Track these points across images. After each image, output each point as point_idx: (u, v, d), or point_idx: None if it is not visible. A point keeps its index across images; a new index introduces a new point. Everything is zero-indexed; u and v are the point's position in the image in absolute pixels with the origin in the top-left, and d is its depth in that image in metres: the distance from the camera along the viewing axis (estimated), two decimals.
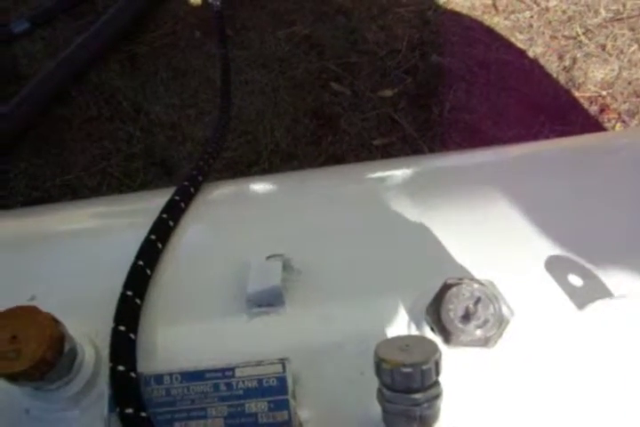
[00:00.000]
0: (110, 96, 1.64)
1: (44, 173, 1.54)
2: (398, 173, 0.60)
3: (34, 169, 1.54)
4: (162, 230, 0.53)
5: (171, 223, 0.54)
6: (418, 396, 0.35)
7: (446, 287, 0.43)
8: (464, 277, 0.44)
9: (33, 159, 1.55)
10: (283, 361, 0.43)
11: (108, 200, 0.70)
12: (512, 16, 1.74)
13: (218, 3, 1.54)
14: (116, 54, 1.70)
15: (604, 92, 1.61)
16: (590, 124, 1.57)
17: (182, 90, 1.64)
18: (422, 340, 0.39)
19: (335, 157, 1.51)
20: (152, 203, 0.56)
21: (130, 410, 0.41)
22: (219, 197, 0.61)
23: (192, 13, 1.78)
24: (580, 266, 0.48)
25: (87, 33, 1.63)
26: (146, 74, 1.67)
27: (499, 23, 1.73)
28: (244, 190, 0.63)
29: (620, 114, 1.59)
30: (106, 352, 0.44)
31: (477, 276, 0.46)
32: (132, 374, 0.43)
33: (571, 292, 0.46)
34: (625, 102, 1.60)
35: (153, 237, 0.51)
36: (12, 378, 0.39)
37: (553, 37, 1.71)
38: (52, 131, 1.59)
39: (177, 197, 0.56)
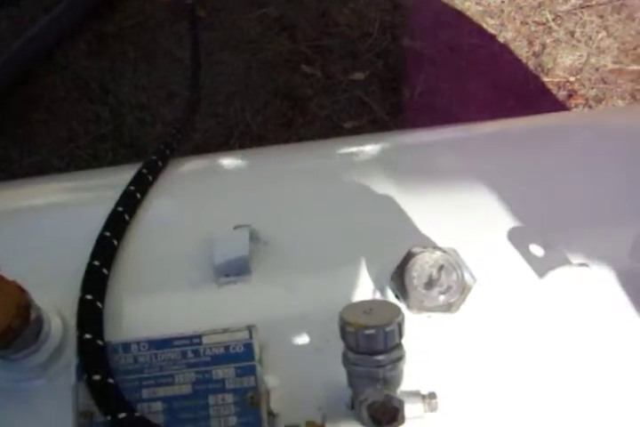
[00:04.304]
0: (78, 76, 1.62)
1: (10, 155, 1.51)
2: (365, 148, 0.61)
3: (0, 150, 1.51)
4: (129, 202, 0.53)
5: (138, 195, 0.53)
6: (381, 357, 0.36)
7: (410, 255, 0.44)
8: (428, 245, 0.45)
9: None
10: (249, 328, 0.44)
11: (75, 175, 0.69)
12: (483, 1, 1.75)
13: None
14: (84, 34, 1.67)
15: (572, 78, 1.63)
16: (558, 109, 1.59)
17: (151, 71, 1.62)
18: (386, 304, 0.39)
19: (305, 140, 1.51)
20: (120, 178, 0.55)
21: (97, 377, 0.41)
22: (186, 171, 0.61)
23: None
24: (541, 237, 0.49)
25: (54, 11, 1.60)
26: (114, 54, 1.65)
27: (470, 8, 1.74)
28: (212, 165, 0.63)
29: (587, 99, 1.61)
30: (73, 322, 0.44)
31: (442, 245, 0.47)
32: (100, 342, 0.43)
33: (532, 261, 0.48)
34: (592, 88, 1.62)
35: (120, 208, 0.51)
36: None
37: (523, 23, 1.72)
38: (19, 111, 1.56)
39: (144, 171, 0.56)
